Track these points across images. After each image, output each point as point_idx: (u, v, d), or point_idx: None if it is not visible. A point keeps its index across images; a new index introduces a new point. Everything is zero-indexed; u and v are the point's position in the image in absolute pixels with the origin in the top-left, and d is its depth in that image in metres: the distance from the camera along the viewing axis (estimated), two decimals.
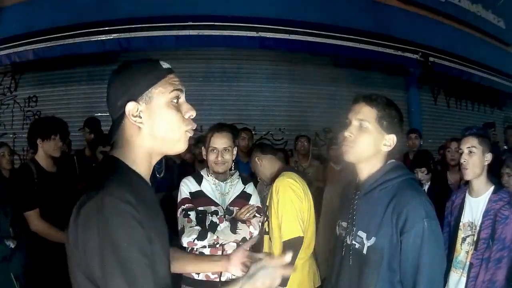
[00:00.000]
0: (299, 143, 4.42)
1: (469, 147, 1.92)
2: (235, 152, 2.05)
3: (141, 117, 0.88)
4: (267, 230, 2.27)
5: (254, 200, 2.06)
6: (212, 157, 1.97)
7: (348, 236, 1.42)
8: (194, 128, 0.94)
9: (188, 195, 1.98)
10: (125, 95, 0.88)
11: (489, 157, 1.92)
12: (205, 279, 1.89)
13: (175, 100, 0.91)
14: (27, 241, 2.35)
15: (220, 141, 1.97)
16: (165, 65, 0.93)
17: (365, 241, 1.34)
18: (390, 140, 1.37)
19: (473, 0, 7.38)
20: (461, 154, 1.96)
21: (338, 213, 1.62)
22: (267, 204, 2.30)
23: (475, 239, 1.90)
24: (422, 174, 3.17)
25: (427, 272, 1.24)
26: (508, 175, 2.23)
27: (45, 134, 2.40)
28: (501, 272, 1.80)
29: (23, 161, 5.42)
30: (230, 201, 2.02)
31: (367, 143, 1.35)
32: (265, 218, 2.26)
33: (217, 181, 2.02)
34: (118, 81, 0.90)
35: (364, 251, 1.33)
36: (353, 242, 1.39)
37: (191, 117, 0.94)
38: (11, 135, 6.01)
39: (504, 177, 2.27)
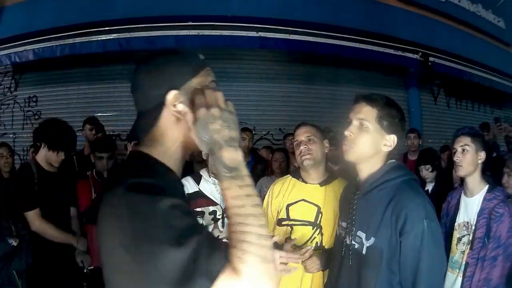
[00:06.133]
0: (288, 142, 3.95)
1: (462, 146, 1.95)
2: None
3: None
4: (319, 242, 1.86)
5: None
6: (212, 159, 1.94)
7: (347, 236, 1.42)
8: None
9: None
10: (165, 84, 0.82)
11: (482, 155, 1.94)
12: None
13: None
14: (29, 239, 2.35)
15: None
16: (202, 56, 0.89)
17: (364, 241, 1.33)
18: (391, 141, 1.36)
19: (473, 0, 7.38)
20: (455, 152, 1.99)
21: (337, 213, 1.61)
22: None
23: (470, 238, 1.90)
24: (426, 171, 3.12)
25: (426, 274, 1.23)
26: (508, 174, 2.24)
27: (51, 145, 2.35)
28: (496, 270, 1.80)
29: (23, 161, 5.42)
30: None
31: (367, 143, 1.35)
32: (318, 229, 1.86)
33: (217, 181, 2.02)
34: (155, 69, 0.84)
35: (363, 252, 1.33)
36: (353, 242, 1.38)
37: None
38: (11, 135, 6.01)
39: (504, 176, 2.29)
